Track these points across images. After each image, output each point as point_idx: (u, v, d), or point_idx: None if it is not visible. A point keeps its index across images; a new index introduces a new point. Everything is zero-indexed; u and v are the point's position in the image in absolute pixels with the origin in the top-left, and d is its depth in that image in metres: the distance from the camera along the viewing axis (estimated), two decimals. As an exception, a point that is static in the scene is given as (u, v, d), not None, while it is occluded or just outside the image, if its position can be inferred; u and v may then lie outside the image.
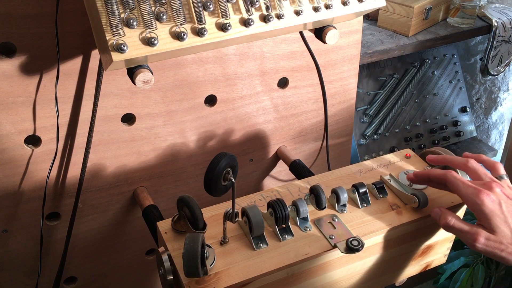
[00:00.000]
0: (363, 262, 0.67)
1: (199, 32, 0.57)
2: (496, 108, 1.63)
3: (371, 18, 1.35)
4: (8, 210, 0.76)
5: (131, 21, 0.54)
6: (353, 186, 0.68)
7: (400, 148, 1.44)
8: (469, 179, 0.67)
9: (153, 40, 0.55)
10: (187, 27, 0.57)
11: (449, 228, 0.63)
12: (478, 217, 0.61)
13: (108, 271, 0.91)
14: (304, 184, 0.72)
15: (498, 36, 1.35)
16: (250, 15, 0.60)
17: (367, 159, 0.90)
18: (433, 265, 0.77)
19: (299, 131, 0.96)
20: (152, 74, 0.60)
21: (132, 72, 0.59)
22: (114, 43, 0.53)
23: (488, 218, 0.60)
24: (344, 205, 0.67)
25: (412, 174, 0.69)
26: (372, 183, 0.69)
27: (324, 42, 0.71)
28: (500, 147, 1.67)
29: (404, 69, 1.49)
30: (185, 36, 0.56)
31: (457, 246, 1.55)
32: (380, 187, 0.69)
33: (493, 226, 0.60)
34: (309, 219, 0.65)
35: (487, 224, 0.60)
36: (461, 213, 0.71)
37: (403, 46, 1.23)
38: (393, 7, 1.26)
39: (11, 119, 0.69)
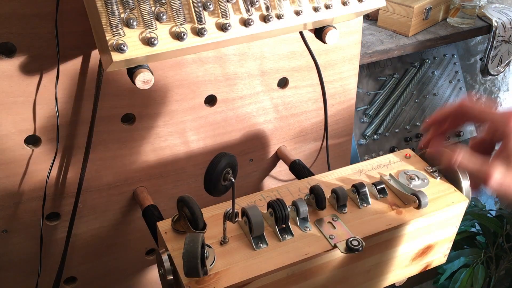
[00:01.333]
0: (363, 262, 0.67)
1: (199, 32, 0.57)
2: (496, 108, 1.63)
3: (371, 18, 1.35)
4: (8, 210, 0.76)
5: (131, 21, 0.54)
6: (353, 186, 0.68)
7: (400, 148, 1.44)
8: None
9: (153, 40, 0.55)
10: (187, 27, 0.57)
11: (459, 165, 0.54)
12: (505, 144, 0.53)
13: (108, 271, 0.91)
14: (304, 184, 0.72)
15: (498, 36, 1.35)
16: (250, 15, 0.60)
17: (367, 159, 0.90)
18: (433, 265, 0.77)
19: (299, 131, 0.96)
20: (152, 74, 0.60)
21: (132, 72, 0.59)
22: (114, 43, 0.53)
23: None
24: (344, 205, 0.67)
25: (426, 125, 0.62)
26: (372, 183, 0.69)
27: (324, 42, 0.71)
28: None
29: (404, 69, 1.49)
30: (185, 36, 0.56)
31: (457, 246, 1.55)
32: (380, 187, 0.69)
33: None
34: (309, 219, 0.65)
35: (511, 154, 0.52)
36: (460, 213, 0.71)
37: (403, 46, 1.23)
38: (393, 7, 1.26)
39: (11, 119, 0.69)
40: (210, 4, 0.58)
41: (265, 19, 0.61)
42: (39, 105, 0.70)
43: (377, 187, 0.69)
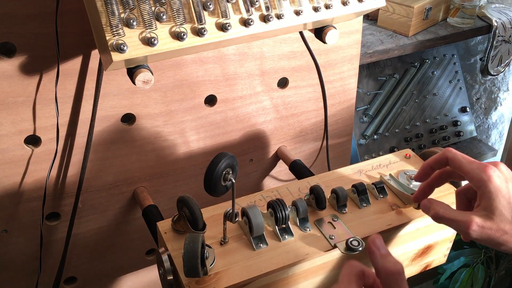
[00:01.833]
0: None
1: (199, 32, 0.57)
2: (496, 108, 1.63)
3: (371, 18, 1.35)
4: (8, 210, 0.76)
5: (131, 21, 0.54)
6: (353, 186, 0.68)
7: (400, 148, 1.44)
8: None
9: (153, 40, 0.55)
10: (187, 27, 0.57)
11: (439, 218, 0.58)
12: (481, 195, 0.56)
13: (108, 271, 0.91)
14: (304, 184, 0.72)
15: (498, 36, 1.35)
16: (250, 15, 0.60)
17: (367, 159, 0.90)
18: (433, 265, 0.77)
19: (299, 131, 0.96)
20: (152, 74, 0.60)
21: (132, 72, 0.59)
22: (114, 43, 0.53)
23: (492, 197, 0.55)
24: (344, 205, 0.67)
25: (415, 175, 0.66)
26: (372, 183, 0.70)
27: (324, 42, 0.71)
28: (500, 147, 1.67)
29: (404, 69, 1.49)
30: (185, 36, 0.56)
31: (457, 246, 1.55)
32: (380, 187, 0.69)
33: (493, 208, 0.54)
34: (309, 219, 0.65)
35: (488, 204, 0.55)
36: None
37: (403, 46, 1.23)
38: (393, 7, 1.26)
39: (11, 119, 0.69)
40: (210, 4, 0.58)
41: (265, 19, 0.61)
42: (39, 105, 0.70)
43: (377, 187, 0.69)
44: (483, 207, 0.56)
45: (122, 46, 0.53)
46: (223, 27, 0.59)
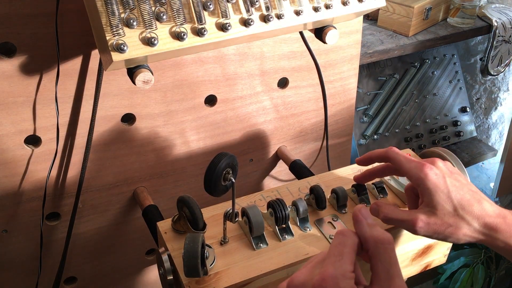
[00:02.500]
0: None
1: (199, 32, 0.57)
2: (496, 108, 1.63)
3: (371, 18, 1.35)
4: (8, 210, 0.76)
5: (131, 21, 0.54)
6: (353, 186, 0.68)
7: (400, 148, 1.43)
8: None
9: (153, 40, 0.55)
10: (187, 27, 0.57)
11: (388, 220, 0.59)
12: (422, 193, 0.58)
13: (108, 271, 0.91)
14: (304, 184, 0.72)
15: (498, 36, 1.35)
16: (250, 15, 0.60)
17: (367, 159, 0.90)
18: (433, 265, 0.77)
19: (299, 131, 0.96)
20: (152, 74, 0.60)
21: (132, 72, 0.60)
22: (114, 43, 0.53)
23: (432, 193, 0.57)
24: (344, 205, 0.67)
25: (358, 158, 0.67)
26: (372, 183, 0.70)
27: (324, 42, 0.71)
28: (500, 147, 1.67)
29: (404, 69, 1.49)
30: (185, 36, 0.57)
31: (457, 246, 1.55)
32: (380, 187, 0.69)
33: (435, 203, 0.57)
34: (309, 219, 0.65)
35: (429, 200, 0.57)
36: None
37: (403, 46, 1.23)
38: (393, 7, 1.26)
39: (11, 119, 0.69)
40: (210, 4, 0.58)
41: (265, 19, 0.61)
42: (39, 105, 0.70)
43: (377, 187, 0.69)
44: (425, 204, 0.58)
45: (122, 46, 0.53)
46: (223, 27, 0.59)
